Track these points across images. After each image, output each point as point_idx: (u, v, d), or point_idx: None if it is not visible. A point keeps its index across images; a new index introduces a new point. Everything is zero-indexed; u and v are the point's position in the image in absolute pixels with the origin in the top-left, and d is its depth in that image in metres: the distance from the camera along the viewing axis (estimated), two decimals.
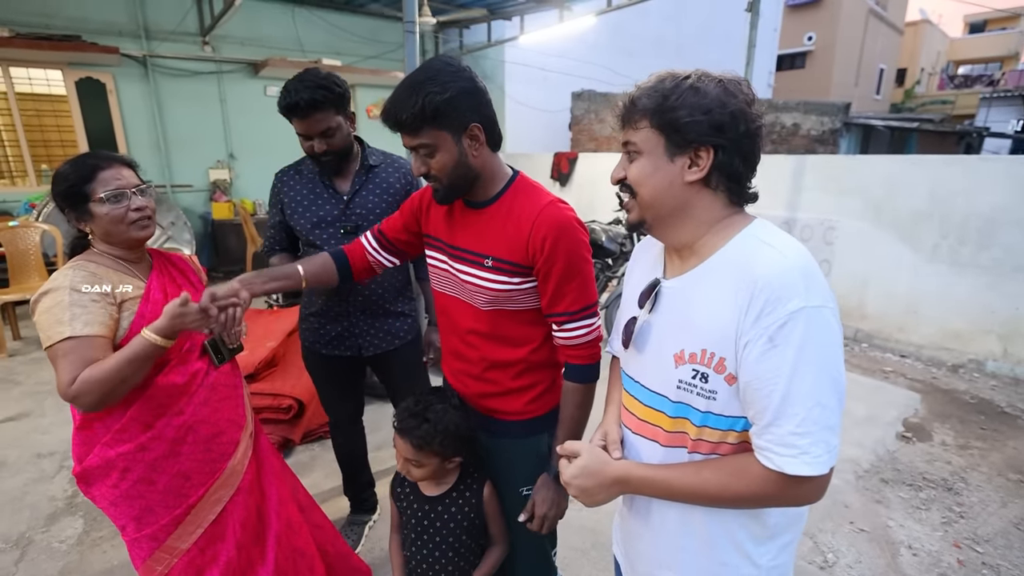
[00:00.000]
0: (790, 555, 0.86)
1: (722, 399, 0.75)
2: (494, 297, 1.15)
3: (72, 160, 1.21)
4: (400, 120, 1.04)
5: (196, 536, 1.25)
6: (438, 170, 1.08)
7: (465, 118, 1.05)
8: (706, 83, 0.75)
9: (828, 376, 0.69)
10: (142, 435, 1.18)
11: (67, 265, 1.18)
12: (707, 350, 0.75)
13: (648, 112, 0.77)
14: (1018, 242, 3.64)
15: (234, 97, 6.40)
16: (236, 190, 6.60)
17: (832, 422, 0.70)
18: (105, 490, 1.19)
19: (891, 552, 2.09)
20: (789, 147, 7.81)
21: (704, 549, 0.84)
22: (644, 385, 0.87)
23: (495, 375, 1.22)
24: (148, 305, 1.21)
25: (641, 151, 0.79)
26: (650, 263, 0.93)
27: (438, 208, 1.24)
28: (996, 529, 2.22)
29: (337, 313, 1.74)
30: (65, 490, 2.43)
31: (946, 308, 4.01)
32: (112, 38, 5.50)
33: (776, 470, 0.70)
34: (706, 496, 0.77)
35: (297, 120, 1.55)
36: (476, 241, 1.15)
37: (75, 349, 1.08)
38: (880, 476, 2.58)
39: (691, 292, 0.80)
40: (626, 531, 0.99)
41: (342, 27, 6.93)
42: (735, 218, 0.80)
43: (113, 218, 1.18)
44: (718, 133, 0.74)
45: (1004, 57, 26.74)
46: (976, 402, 3.39)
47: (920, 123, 11.47)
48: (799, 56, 19.43)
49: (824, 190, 4.56)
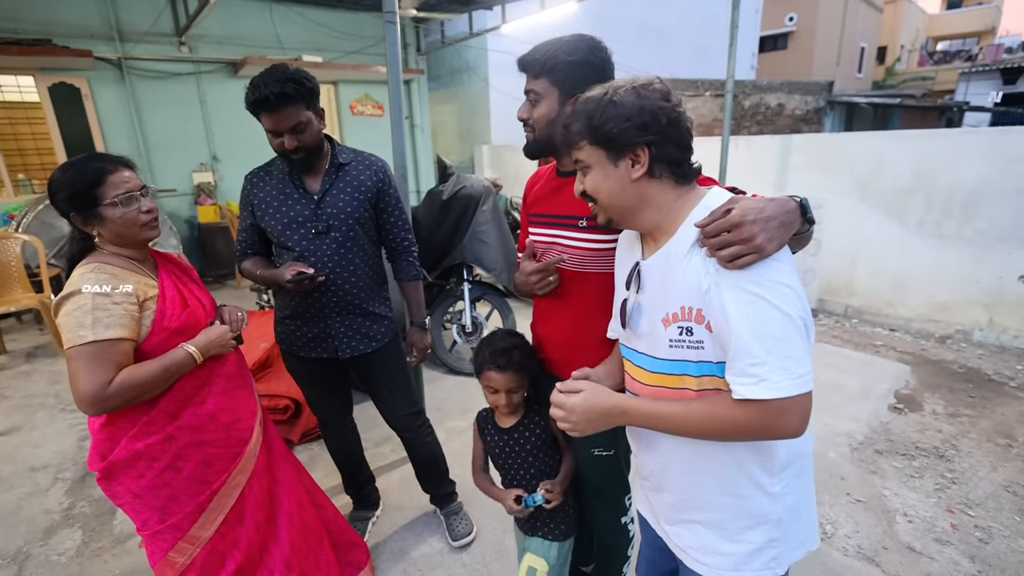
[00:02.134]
0: (802, 484, 0.95)
1: (708, 347, 0.85)
2: (587, 257, 1.24)
3: (74, 163, 1.22)
4: (526, 62, 1.21)
5: (218, 523, 1.31)
6: (536, 118, 1.22)
7: (576, 86, 1.13)
8: (620, 95, 0.87)
9: (778, 311, 0.77)
10: (169, 425, 1.24)
11: (85, 268, 1.19)
12: (685, 306, 0.85)
13: (582, 132, 0.90)
14: (1000, 213, 3.69)
15: (214, 98, 6.29)
16: (221, 193, 6.51)
17: (790, 351, 0.77)
18: (130, 482, 1.23)
19: (887, 520, 2.13)
20: (774, 127, 7.85)
21: (721, 483, 0.93)
22: (646, 354, 0.95)
23: (583, 341, 1.30)
24: (166, 303, 1.25)
25: (590, 165, 0.92)
26: (628, 249, 1.05)
27: (538, 187, 1.39)
28: (987, 493, 2.28)
29: (312, 315, 1.72)
30: (61, 502, 2.40)
31: (933, 281, 4.07)
32: (84, 41, 5.38)
33: (741, 399, 0.79)
34: (697, 424, 0.85)
35: (266, 115, 1.52)
36: (570, 205, 1.24)
37: (101, 353, 1.11)
38: (874, 447, 2.63)
39: (666, 264, 0.90)
40: (650, 487, 1.08)
41: (321, 22, 6.83)
42: (689, 195, 0.92)
43: (127, 221, 1.22)
44: (645, 132, 0.86)
45: (981, 32, 26.97)
46: (964, 371, 3.45)
47: (902, 99, 11.57)
48: (781, 37, 19.47)
49: (811, 169, 4.59)
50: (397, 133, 2.26)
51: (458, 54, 8.64)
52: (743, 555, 0.94)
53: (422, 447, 2.04)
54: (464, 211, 3.46)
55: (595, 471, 1.42)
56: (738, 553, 0.94)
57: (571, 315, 1.31)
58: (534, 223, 1.38)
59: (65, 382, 3.62)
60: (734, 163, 4.84)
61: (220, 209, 6.23)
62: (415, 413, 2.01)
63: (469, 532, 2.07)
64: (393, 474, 2.52)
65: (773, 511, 0.92)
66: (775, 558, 0.94)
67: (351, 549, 1.82)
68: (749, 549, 0.93)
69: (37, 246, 4.03)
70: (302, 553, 1.52)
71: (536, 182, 1.43)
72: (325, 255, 1.66)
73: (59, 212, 1.23)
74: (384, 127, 7.66)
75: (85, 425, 3.06)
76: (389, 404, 1.94)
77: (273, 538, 1.45)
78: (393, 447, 2.73)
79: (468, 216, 3.47)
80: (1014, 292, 3.69)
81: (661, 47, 9.96)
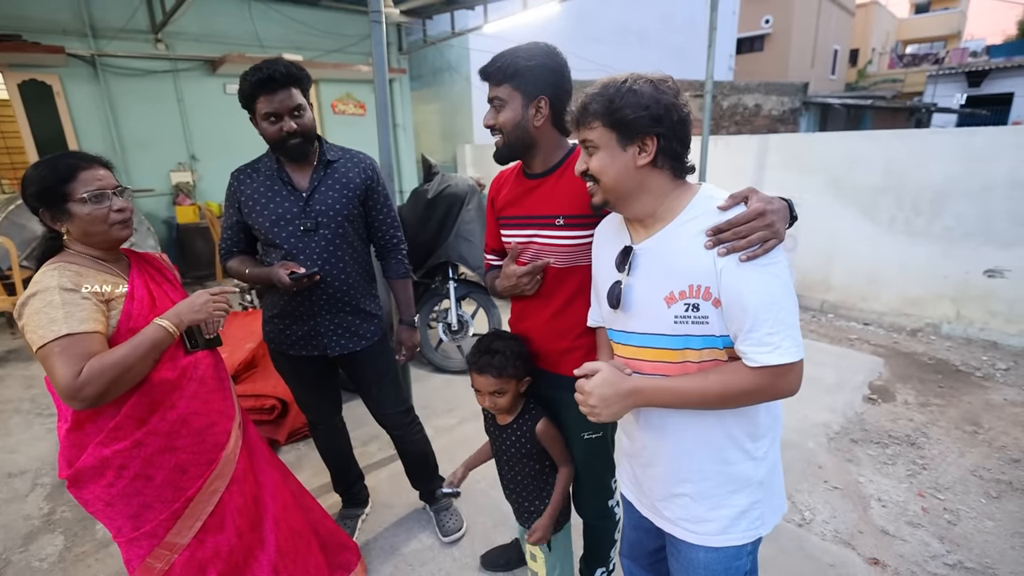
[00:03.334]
0: (776, 451, 1.06)
1: (713, 321, 0.92)
2: (570, 252, 1.28)
3: (48, 160, 1.19)
4: (488, 71, 1.26)
5: (195, 530, 1.27)
6: (502, 123, 1.27)
7: (537, 88, 1.23)
8: (640, 84, 0.92)
9: (783, 285, 0.88)
10: (137, 431, 1.18)
11: (48, 267, 1.15)
12: (693, 284, 0.91)
13: (599, 114, 0.94)
14: (966, 211, 3.84)
15: (192, 96, 6.18)
16: (200, 192, 6.39)
17: (793, 320, 0.88)
18: (99, 490, 1.18)
19: (863, 506, 2.21)
20: (752, 127, 8.02)
21: (711, 450, 1.00)
22: (638, 332, 1.01)
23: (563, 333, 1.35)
24: (134, 303, 1.21)
25: (598, 146, 0.96)
26: (614, 235, 1.09)
27: (506, 191, 1.42)
28: (955, 477, 2.38)
29: (301, 313, 1.71)
30: (41, 508, 2.36)
31: (904, 276, 4.21)
32: (56, 37, 5.24)
33: (759, 366, 0.87)
34: (712, 394, 0.91)
35: (266, 98, 1.52)
36: (544, 205, 1.31)
37: (73, 344, 1.08)
38: (850, 437, 2.72)
39: (665, 247, 0.96)
40: (640, 464, 1.13)
41: (301, 21, 6.75)
42: (683, 188, 0.99)
43: (95, 218, 1.18)
44: (657, 124, 0.91)
45: (947, 36, 27.88)
46: (934, 363, 3.59)
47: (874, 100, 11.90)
48: (757, 39, 19.85)
49: (787, 168, 4.72)
50: (383, 133, 2.27)
51: (440, 54, 8.62)
52: (730, 519, 1.01)
53: (412, 444, 2.06)
54: (449, 210, 3.48)
55: (586, 454, 1.46)
56: (725, 518, 1.02)
57: (550, 310, 1.36)
58: (507, 225, 1.42)
59: (40, 386, 3.55)
60: (713, 162, 4.94)
61: (199, 209, 6.12)
62: (404, 411, 2.02)
63: (459, 528, 2.09)
64: (381, 472, 2.53)
65: (756, 474, 1.00)
66: (759, 518, 1.03)
67: (341, 551, 1.80)
68: (735, 512, 1.01)
69: (9, 247, 3.93)
70: (290, 557, 1.49)
71: (502, 186, 1.45)
72: (314, 253, 1.66)
73: (29, 209, 1.21)
74: (366, 126, 7.61)
75: None
76: (379, 402, 1.95)
77: (259, 543, 1.42)
78: (381, 445, 2.73)
79: (453, 215, 3.48)
80: (979, 287, 3.85)
81: (640, 48, 10.09)
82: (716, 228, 0.89)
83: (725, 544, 1.03)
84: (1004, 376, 3.34)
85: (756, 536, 1.03)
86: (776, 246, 0.88)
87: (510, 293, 1.41)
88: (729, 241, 0.88)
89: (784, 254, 0.90)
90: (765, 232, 0.86)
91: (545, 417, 1.45)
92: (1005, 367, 3.44)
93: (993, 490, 2.28)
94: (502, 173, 1.49)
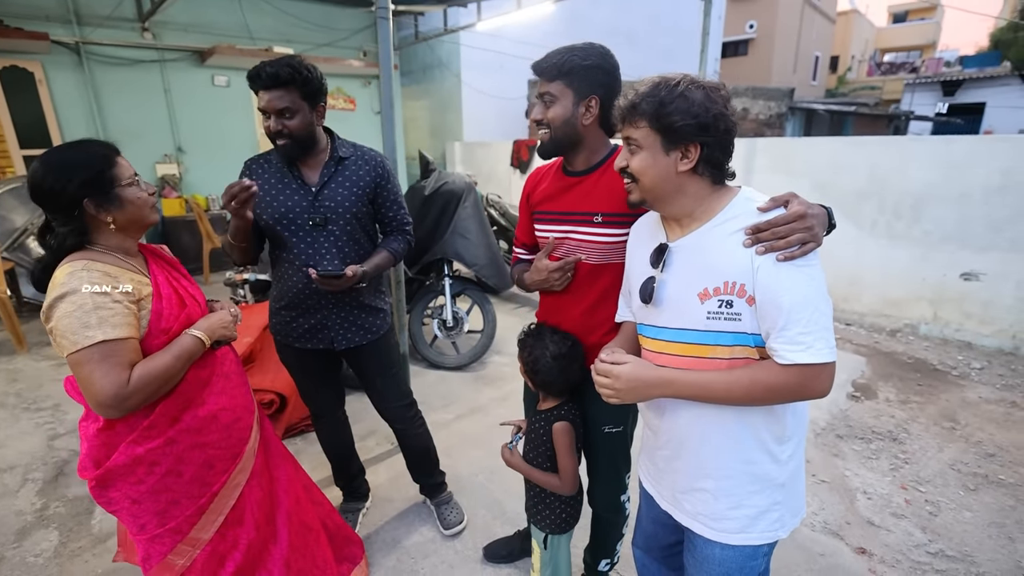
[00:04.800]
0: (800, 455, 1.06)
1: (746, 319, 0.92)
2: (605, 250, 1.31)
3: (72, 146, 1.14)
4: (542, 67, 1.27)
5: (218, 524, 1.27)
6: (552, 119, 1.28)
7: (590, 88, 1.26)
8: (693, 90, 0.92)
9: (819, 287, 0.89)
10: (170, 429, 1.18)
11: (74, 266, 1.10)
12: (728, 281, 0.93)
13: (647, 115, 0.94)
14: (944, 215, 3.99)
15: (179, 87, 6.07)
16: (187, 185, 6.29)
17: (827, 323, 0.89)
18: (128, 488, 1.17)
19: (849, 498, 2.30)
20: (740, 131, 8.18)
21: (736, 449, 1.01)
22: (670, 327, 1.02)
23: (593, 328, 1.38)
24: (162, 301, 1.19)
25: (641, 146, 0.97)
26: (649, 233, 1.11)
27: (544, 186, 1.44)
28: (935, 471, 2.49)
29: (309, 306, 1.72)
30: (33, 503, 2.31)
31: (885, 278, 4.35)
32: (39, 23, 5.11)
33: (790, 364, 0.88)
34: (740, 390, 0.92)
35: (262, 93, 1.55)
36: (583, 202, 1.33)
37: (115, 351, 1.06)
38: (835, 432, 2.82)
39: (702, 245, 0.98)
40: (663, 458, 1.14)
41: (293, 13, 6.68)
42: (723, 191, 1.00)
43: (143, 202, 1.19)
44: (703, 133, 0.92)
45: (923, 46, 28.70)
46: (913, 362, 3.72)
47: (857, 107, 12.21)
48: (742, 43, 20.16)
49: (774, 171, 4.83)
50: (388, 128, 2.28)
51: (431, 50, 8.60)
52: (749, 518, 1.02)
53: (415, 438, 2.08)
54: (446, 207, 3.49)
55: (605, 448, 1.50)
56: (744, 517, 1.02)
57: (582, 305, 1.39)
58: (542, 220, 1.44)
59: (25, 380, 3.48)
60: None
61: (186, 202, 6.02)
62: (408, 404, 2.04)
63: (460, 520, 2.12)
64: (380, 466, 2.54)
65: (778, 476, 1.01)
66: (778, 520, 1.03)
67: (347, 544, 1.82)
68: (755, 512, 1.02)
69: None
70: (300, 552, 1.51)
71: (540, 181, 1.48)
72: (323, 248, 1.67)
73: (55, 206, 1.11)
74: (356, 122, 7.56)
75: (53, 424, 2.95)
76: (383, 396, 1.97)
77: (272, 537, 1.43)
78: (379, 440, 2.75)
79: (450, 212, 3.50)
80: (956, 289, 4.00)
81: (629, 50, 10.17)
82: (755, 227, 0.90)
83: (742, 543, 1.03)
84: (979, 375, 3.49)
85: (774, 539, 1.04)
86: (814, 249, 0.89)
87: (538, 288, 1.43)
88: (768, 240, 0.89)
89: (817, 256, 0.91)
90: (804, 234, 0.88)
91: (569, 423, 1.45)
92: (979, 366, 3.59)
93: (970, 483, 2.39)
94: (539, 169, 1.52)
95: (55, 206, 1.12)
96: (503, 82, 8.76)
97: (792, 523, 1.05)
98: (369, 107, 7.76)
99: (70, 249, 1.15)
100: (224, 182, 1.69)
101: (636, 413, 1.53)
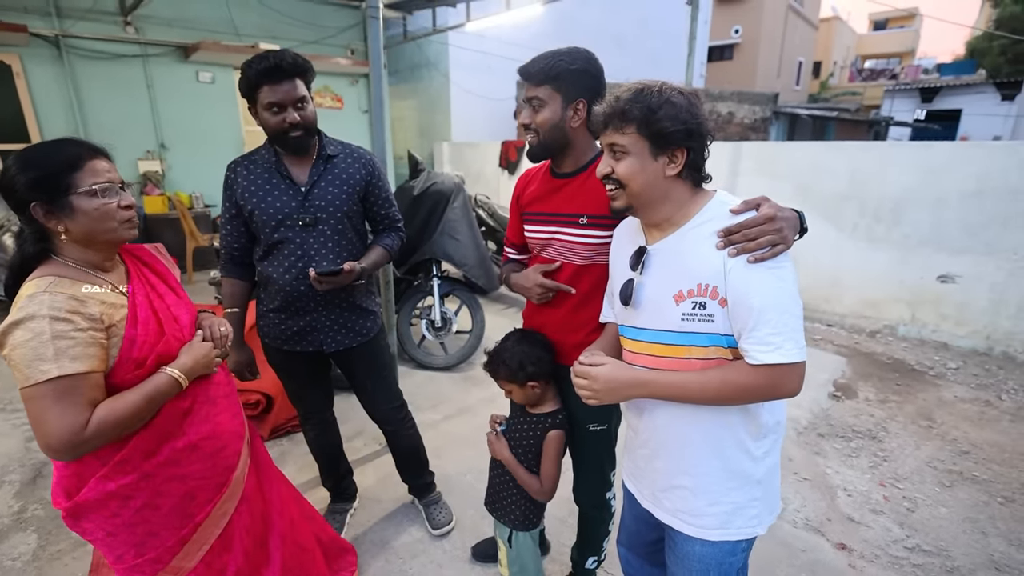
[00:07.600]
0: (777, 453, 1.08)
1: (719, 320, 0.95)
2: (590, 251, 1.34)
3: (46, 144, 1.05)
4: (529, 71, 1.29)
5: (202, 553, 1.19)
6: (540, 123, 1.30)
7: (578, 92, 1.28)
8: (676, 96, 0.94)
9: (788, 289, 0.91)
10: (145, 463, 1.08)
11: (39, 284, 0.99)
12: (701, 283, 0.95)
13: (637, 120, 0.95)
14: (922, 219, 4.09)
15: (163, 83, 5.97)
16: (170, 182, 6.18)
17: (797, 324, 0.91)
18: (102, 521, 1.08)
19: (830, 495, 2.35)
20: (725, 134, 8.29)
21: (713, 447, 1.03)
22: (648, 328, 1.05)
23: (577, 327, 1.41)
24: (137, 327, 1.07)
25: (628, 152, 0.98)
26: (630, 237, 1.14)
27: (533, 187, 1.47)
28: (912, 468, 2.56)
29: (299, 308, 1.70)
30: (11, 506, 2.26)
31: (864, 280, 4.45)
32: (17, 15, 4.98)
33: (760, 364, 0.90)
34: (712, 390, 0.95)
35: (271, 87, 1.50)
36: (569, 204, 1.35)
37: (71, 389, 0.95)
38: (817, 431, 2.88)
39: (677, 248, 1.01)
40: (643, 456, 1.16)
41: (279, 10, 6.61)
42: (699, 194, 1.03)
43: (104, 214, 1.04)
44: (690, 138, 0.95)
45: (903, 53, 29.39)
46: (891, 362, 3.81)
47: (839, 112, 12.44)
48: (727, 48, 20.44)
49: (759, 174, 4.90)
50: (378, 128, 2.28)
51: (419, 49, 8.57)
52: (727, 514, 1.05)
53: (405, 439, 2.07)
54: (435, 207, 3.49)
55: (590, 445, 1.52)
56: (723, 513, 1.05)
57: (567, 305, 1.41)
58: (531, 221, 1.47)
59: (1, 380, 3.38)
60: None
61: (169, 200, 5.92)
62: (398, 406, 2.03)
63: (449, 521, 2.12)
64: (367, 467, 2.54)
65: (755, 472, 1.04)
66: (756, 516, 1.05)
67: (341, 555, 1.79)
68: (732, 508, 1.04)
69: None
70: (295, 573, 1.45)
71: (530, 182, 1.51)
72: (312, 248, 1.65)
73: (11, 204, 1.01)
74: (343, 120, 7.51)
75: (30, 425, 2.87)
76: (373, 398, 1.96)
77: (265, 562, 1.36)
78: (367, 440, 2.74)
79: (439, 212, 3.50)
80: (932, 291, 4.11)
81: (617, 53, 10.24)
82: (727, 229, 0.92)
83: (721, 539, 1.06)
84: (954, 375, 3.59)
85: (752, 534, 1.06)
86: (784, 251, 0.91)
87: (519, 292, 1.47)
88: (739, 242, 0.91)
89: (788, 258, 0.93)
90: (774, 236, 0.90)
91: (563, 432, 1.48)
92: (955, 367, 3.69)
93: (946, 479, 2.46)
94: (530, 170, 1.54)
95: (11, 205, 1.02)
96: (491, 83, 8.77)
97: (769, 519, 1.08)
98: (357, 106, 7.72)
99: (34, 256, 1.05)
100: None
101: (621, 411, 1.56)
